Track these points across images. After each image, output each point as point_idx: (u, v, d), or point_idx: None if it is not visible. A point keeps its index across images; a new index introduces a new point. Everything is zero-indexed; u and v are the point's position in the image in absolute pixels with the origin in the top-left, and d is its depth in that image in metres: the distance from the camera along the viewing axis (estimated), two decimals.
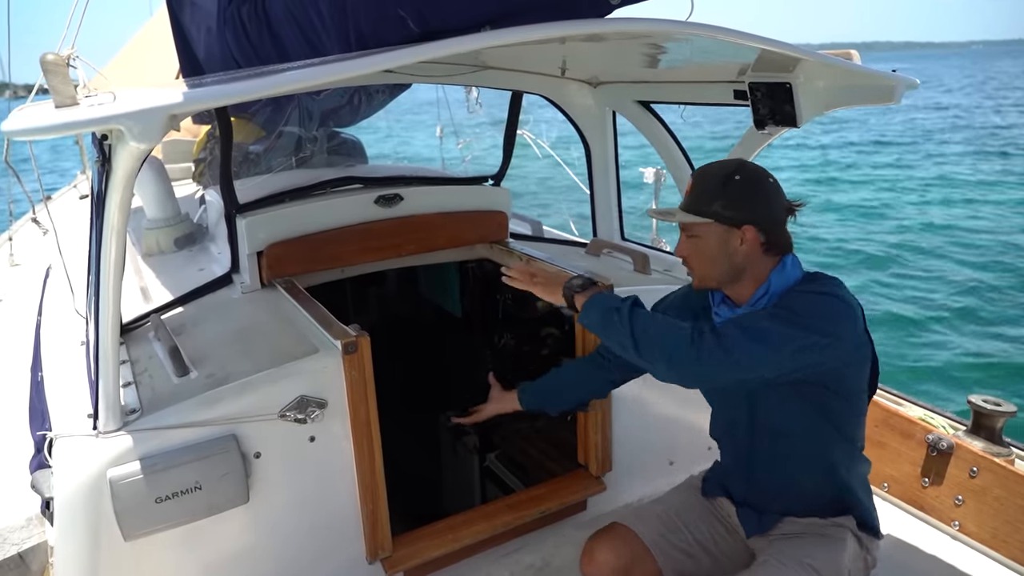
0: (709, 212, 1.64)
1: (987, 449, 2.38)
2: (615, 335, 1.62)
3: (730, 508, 1.92)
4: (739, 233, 1.64)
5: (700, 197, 1.66)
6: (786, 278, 1.67)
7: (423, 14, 1.51)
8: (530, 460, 3.09)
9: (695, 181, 1.70)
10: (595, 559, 1.83)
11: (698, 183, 1.69)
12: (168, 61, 3.87)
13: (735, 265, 1.67)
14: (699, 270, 1.71)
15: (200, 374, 1.88)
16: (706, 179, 1.69)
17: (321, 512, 1.96)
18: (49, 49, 1.39)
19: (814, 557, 1.67)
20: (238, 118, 3.86)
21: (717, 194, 1.64)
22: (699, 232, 1.67)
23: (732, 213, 1.63)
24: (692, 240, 1.69)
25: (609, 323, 1.63)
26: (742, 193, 1.64)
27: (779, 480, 1.79)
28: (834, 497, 1.77)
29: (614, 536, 1.86)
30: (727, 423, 1.90)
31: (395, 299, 3.75)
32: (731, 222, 1.64)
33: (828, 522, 1.77)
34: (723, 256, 1.66)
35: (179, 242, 3.15)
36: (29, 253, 4.77)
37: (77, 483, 1.62)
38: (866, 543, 1.79)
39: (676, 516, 1.91)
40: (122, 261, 1.50)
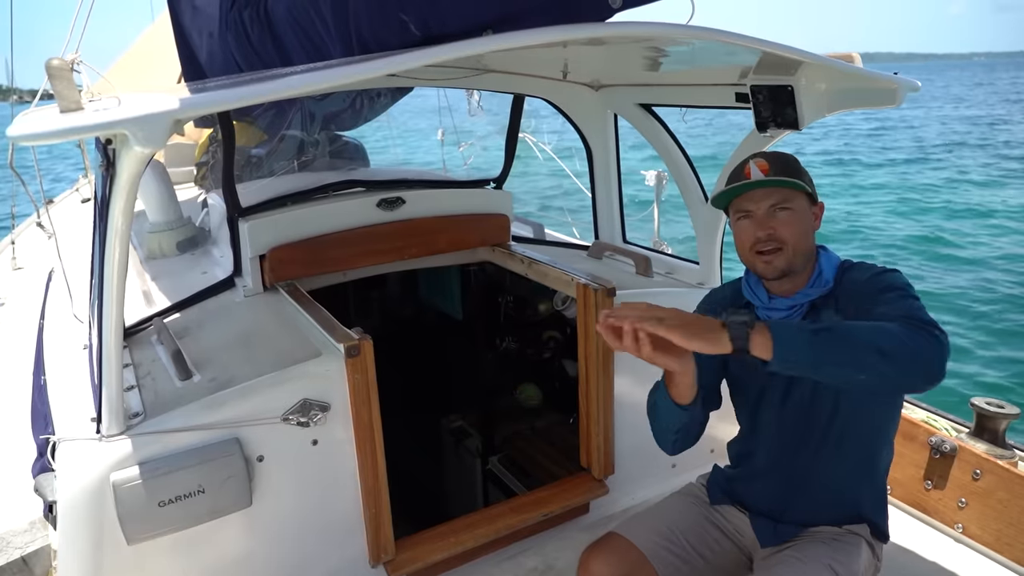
0: (803, 183, 1.62)
1: (990, 451, 2.38)
2: (846, 357, 1.29)
3: (738, 517, 1.87)
4: (814, 210, 1.67)
5: (789, 169, 1.63)
6: (832, 259, 1.68)
7: (425, 18, 1.51)
8: (532, 463, 3.09)
9: (771, 159, 1.64)
10: (590, 570, 1.79)
11: (776, 160, 1.65)
12: (170, 65, 3.88)
13: (812, 244, 1.67)
14: (795, 243, 1.61)
15: (203, 378, 1.89)
16: (783, 157, 1.67)
17: (324, 515, 1.96)
18: (53, 54, 1.39)
19: (835, 560, 1.64)
20: (240, 122, 3.87)
21: (800, 170, 1.65)
22: (794, 204, 1.62)
23: (812, 190, 1.65)
24: (784, 214, 1.61)
25: (828, 348, 1.29)
26: (809, 174, 1.67)
27: (823, 486, 1.73)
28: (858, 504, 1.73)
29: (609, 548, 1.81)
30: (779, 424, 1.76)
31: (397, 302, 3.75)
32: (812, 199, 1.66)
33: (843, 530, 1.73)
34: (810, 231, 1.66)
35: (181, 245, 3.16)
36: (32, 256, 4.78)
37: (80, 487, 1.62)
38: (877, 551, 1.77)
39: (673, 523, 1.86)
40: (125, 265, 1.50)
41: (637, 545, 1.79)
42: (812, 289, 1.66)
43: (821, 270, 1.66)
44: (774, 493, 1.79)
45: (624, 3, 1.47)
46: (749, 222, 1.64)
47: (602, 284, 2.30)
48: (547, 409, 3.39)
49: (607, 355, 2.34)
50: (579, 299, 2.35)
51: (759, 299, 1.73)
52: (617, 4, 1.46)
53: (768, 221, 1.62)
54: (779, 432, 1.77)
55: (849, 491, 1.73)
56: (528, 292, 3.11)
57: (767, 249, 1.62)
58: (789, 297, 1.68)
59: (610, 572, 1.77)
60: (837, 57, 1.98)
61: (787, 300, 1.69)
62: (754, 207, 1.62)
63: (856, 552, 1.70)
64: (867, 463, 1.72)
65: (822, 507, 1.74)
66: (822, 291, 1.65)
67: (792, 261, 1.62)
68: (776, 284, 1.69)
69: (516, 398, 3.43)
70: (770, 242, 1.61)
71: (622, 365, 2.39)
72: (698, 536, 1.85)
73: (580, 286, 2.34)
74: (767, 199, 1.61)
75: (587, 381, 2.40)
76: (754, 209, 1.62)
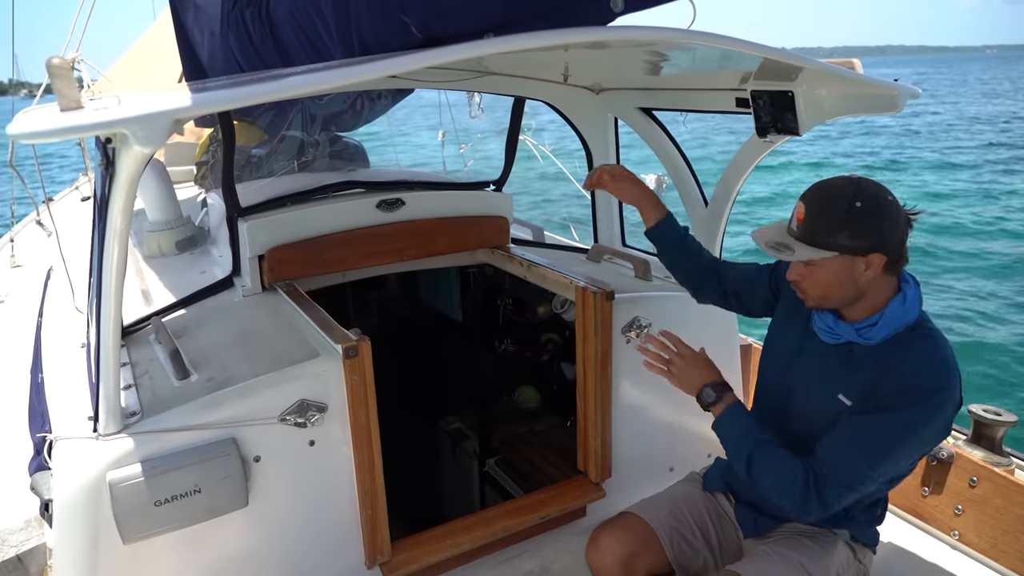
0: (834, 244, 1.52)
1: (987, 459, 2.38)
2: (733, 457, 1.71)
3: (728, 505, 1.95)
4: (864, 261, 1.54)
5: (821, 227, 1.54)
6: (905, 315, 1.59)
7: (426, 20, 1.51)
8: (530, 466, 3.08)
9: (810, 208, 1.56)
10: (600, 546, 1.85)
11: (814, 210, 1.55)
12: (171, 64, 3.88)
13: (858, 290, 1.58)
14: (815, 297, 1.63)
15: (200, 377, 1.88)
16: (825, 206, 1.54)
17: (320, 516, 1.96)
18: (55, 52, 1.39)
19: (806, 557, 1.71)
20: (241, 121, 3.87)
21: (841, 223, 1.51)
22: (821, 264, 1.56)
23: (859, 243, 1.52)
24: (811, 268, 1.58)
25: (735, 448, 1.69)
26: (867, 220, 1.51)
27: None
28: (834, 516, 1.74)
29: (621, 525, 1.89)
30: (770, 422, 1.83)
31: (396, 303, 3.75)
32: (858, 252, 1.53)
33: (822, 530, 1.79)
34: (848, 284, 1.57)
35: (180, 245, 3.15)
36: (31, 254, 4.77)
37: (76, 485, 1.61)
38: (860, 554, 1.81)
39: (681, 506, 1.94)
40: (124, 264, 1.50)
41: (649, 523, 1.84)
42: (854, 332, 1.62)
43: (878, 321, 1.58)
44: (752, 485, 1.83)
45: (626, 7, 1.47)
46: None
47: (601, 287, 2.30)
48: (545, 412, 3.39)
49: (605, 359, 2.34)
50: (578, 302, 2.35)
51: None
52: (619, 8, 1.47)
53: (798, 269, 1.63)
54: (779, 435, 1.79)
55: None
56: (527, 294, 3.11)
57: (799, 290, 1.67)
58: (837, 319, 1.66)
59: (620, 548, 1.82)
60: (838, 63, 1.98)
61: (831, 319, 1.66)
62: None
63: (831, 553, 1.74)
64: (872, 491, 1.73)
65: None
66: (862, 342, 1.61)
67: (823, 304, 1.64)
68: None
69: (514, 400, 3.43)
70: (797, 287, 1.66)
71: (620, 369, 2.40)
72: (700, 520, 1.93)
73: (579, 289, 2.34)
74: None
75: (585, 384, 2.40)
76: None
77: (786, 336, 1.83)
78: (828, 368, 1.68)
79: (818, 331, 1.70)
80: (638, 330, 2.39)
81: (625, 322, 2.38)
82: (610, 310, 2.30)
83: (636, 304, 2.43)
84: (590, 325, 2.31)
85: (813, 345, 1.73)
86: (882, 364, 1.58)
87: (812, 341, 1.73)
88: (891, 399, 1.52)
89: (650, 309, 2.44)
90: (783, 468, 1.60)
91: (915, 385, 1.51)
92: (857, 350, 1.63)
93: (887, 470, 1.57)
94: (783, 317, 1.88)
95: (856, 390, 1.60)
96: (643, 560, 1.82)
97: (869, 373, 1.59)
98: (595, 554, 1.85)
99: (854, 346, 1.64)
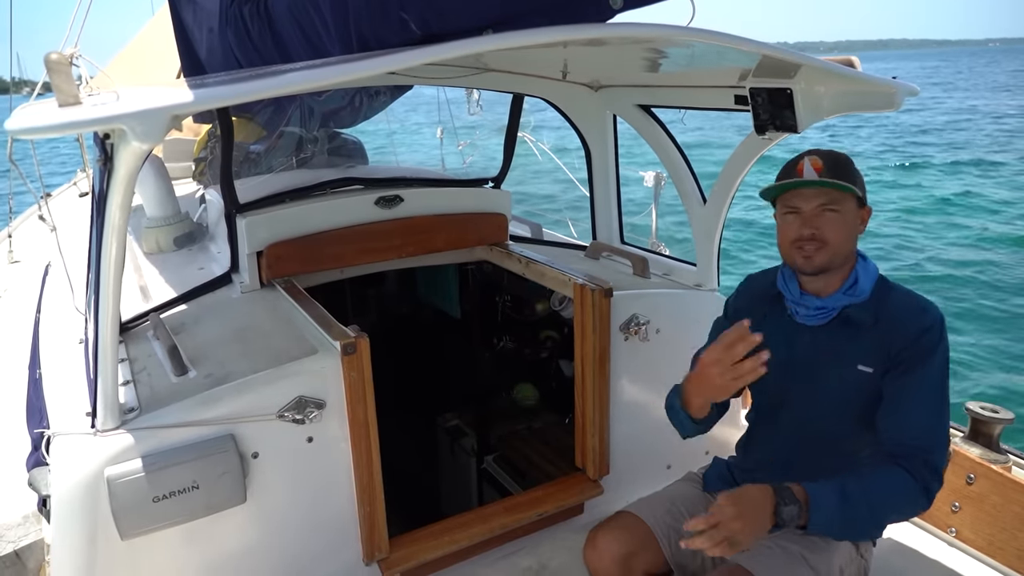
0: (856, 186, 1.66)
1: (984, 456, 2.38)
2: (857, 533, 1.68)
3: None
4: (862, 213, 1.70)
5: (843, 172, 1.65)
6: (870, 271, 1.72)
7: (425, 17, 1.51)
8: (528, 462, 3.09)
9: (826, 158, 1.67)
10: (597, 546, 1.85)
11: (830, 160, 1.67)
12: (170, 60, 3.87)
13: (854, 245, 1.71)
14: (836, 244, 1.66)
15: (199, 373, 1.88)
16: (838, 158, 1.69)
17: (318, 513, 1.96)
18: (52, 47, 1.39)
19: (808, 550, 1.70)
20: (239, 117, 3.87)
21: (854, 173, 1.68)
22: (842, 207, 1.65)
23: (863, 193, 1.69)
24: (831, 215, 1.65)
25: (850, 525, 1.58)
26: (861, 176, 1.71)
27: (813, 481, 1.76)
28: None
29: (618, 524, 1.88)
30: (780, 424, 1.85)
31: (394, 300, 3.75)
32: (863, 202, 1.69)
33: None
34: (854, 233, 1.69)
35: (179, 241, 3.15)
36: (28, 250, 4.77)
37: (74, 481, 1.62)
38: (862, 548, 1.81)
39: (679, 505, 1.94)
40: (122, 260, 1.50)
41: (647, 522, 1.85)
42: (844, 296, 1.70)
43: (857, 278, 1.70)
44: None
45: (625, 4, 1.47)
46: (796, 218, 1.69)
47: (599, 284, 2.30)
48: (543, 409, 3.39)
49: (603, 356, 2.35)
50: (576, 299, 2.36)
51: (791, 293, 1.79)
52: (618, 5, 1.46)
53: (815, 220, 1.67)
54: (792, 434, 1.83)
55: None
56: (525, 292, 3.12)
57: (809, 245, 1.67)
58: (820, 298, 1.73)
59: (617, 547, 1.82)
60: (837, 61, 1.98)
61: (817, 300, 1.73)
62: (803, 204, 1.67)
63: (833, 546, 1.74)
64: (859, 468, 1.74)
65: None
66: (855, 300, 1.70)
67: (832, 260, 1.68)
68: (809, 281, 1.73)
69: (512, 397, 3.44)
70: (813, 241, 1.67)
71: (618, 366, 2.40)
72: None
73: (577, 286, 2.34)
74: (817, 198, 1.66)
75: (583, 381, 2.40)
76: (803, 206, 1.67)
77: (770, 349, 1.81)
78: (833, 347, 1.72)
79: (804, 319, 1.75)
80: (636, 328, 2.39)
81: (623, 319, 2.38)
82: (608, 307, 2.30)
83: (634, 301, 2.43)
84: (588, 322, 2.31)
85: (803, 338, 1.76)
86: (881, 323, 1.66)
87: (799, 335, 1.77)
88: (912, 352, 1.61)
89: (648, 306, 2.45)
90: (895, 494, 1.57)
91: (920, 330, 1.62)
92: (852, 316, 1.70)
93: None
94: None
95: (870, 355, 1.66)
96: (641, 560, 1.82)
97: (872, 333, 1.66)
98: (592, 554, 1.85)
99: (848, 313, 1.70)
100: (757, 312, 1.81)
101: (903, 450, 1.59)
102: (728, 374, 1.56)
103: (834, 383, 1.72)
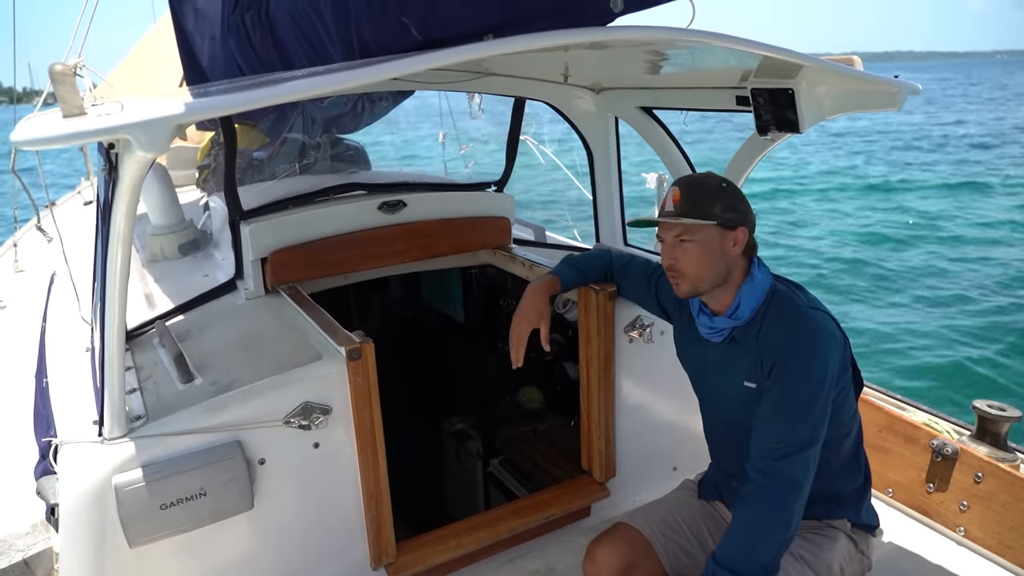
0: (711, 215, 1.69)
1: (992, 454, 2.37)
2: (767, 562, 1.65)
3: (727, 512, 1.95)
4: (733, 235, 1.72)
5: (697, 202, 1.71)
6: (756, 290, 1.75)
7: (426, 22, 1.52)
8: (534, 466, 3.09)
9: (685, 189, 1.74)
10: (596, 559, 1.85)
11: (691, 190, 1.74)
12: (172, 68, 3.88)
13: (727, 267, 1.74)
14: (694, 275, 1.73)
15: (205, 380, 1.89)
16: (700, 186, 1.76)
17: (325, 518, 1.97)
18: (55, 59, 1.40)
19: (807, 551, 1.74)
20: (242, 125, 3.87)
21: (714, 197, 1.71)
22: (697, 236, 1.71)
23: (730, 215, 1.71)
24: (687, 245, 1.72)
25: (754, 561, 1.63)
26: (735, 198, 1.74)
27: None
28: (824, 503, 1.81)
29: (616, 536, 1.88)
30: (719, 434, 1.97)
31: (398, 305, 3.75)
32: (729, 224, 1.71)
33: (822, 523, 1.82)
34: (719, 258, 1.72)
35: (183, 248, 3.16)
36: (34, 259, 4.79)
37: (82, 489, 1.62)
38: (861, 545, 1.82)
39: (677, 515, 1.95)
40: (127, 268, 1.51)
41: (644, 534, 1.85)
42: (729, 320, 1.77)
43: (739, 303, 1.75)
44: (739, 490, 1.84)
45: (625, 7, 1.47)
46: (663, 248, 1.78)
47: (603, 287, 2.30)
48: (548, 412, 3.39)
49: (608, 358, 2.35)
50: (580, 302, 2.36)
51: (693, 309, 1.87)
52: (618, 8, 1.47)
53: (673, 251, 1.75)
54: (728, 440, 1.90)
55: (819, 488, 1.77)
56: None
57: (671, 274, 1.78)
58: (713, 317, 1.81)
59: (616, 560, 1.81)
60: (838, 60, 1.98)
61: (708, 320, 1.82)
62: (665, 235, 1.77)
63: (831, 544, 1.78)
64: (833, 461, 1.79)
65: None
66: (737, 323, 1.76)
67: (695, 286, 1.75)
68: (707, 298, 1.80)
69: (517, 401, 3.43)
70: (673, 271, 1.75)
71: (623, 368, 2.40)
72: (696, 528, 1.94)
73: (581, 289, 2.34)
74: (673, 229, 1.74)
75: (588, 384, 2.40)
76: (665, 237, 1.77)
77: (690, 354, 1.97)
78: (727, 363, 1.82)
79: (705, 335, 1.84)
80: (640, 329, 2.39)
81: (628, 321, 2.38)
82: (613, 310, 2.30)
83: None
84: (593, 325, 2.31)
85: (710, 351, 1.87)
86: (760, 340, 1.73)
87: (708, 348, 1.86)
88: (779, 366, 1.66)
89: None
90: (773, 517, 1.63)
91: (788, 346, 1.66)
92: (738, 336, 1.77)
93: (820, 424, 1.65)
94: (681, 339, 2.02)
95: (753, 372, 1.73)
96: (640, 571, 1.82)
97: (753, 352, 1.74)
98: (592, 568, 1.85)
99: (735, 333, 1.78)
100: (680, 315, 1.97)
101: (757, 465, 1.66)
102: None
103: (732, 397, 1.81)
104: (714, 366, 1.86)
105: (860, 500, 1.87)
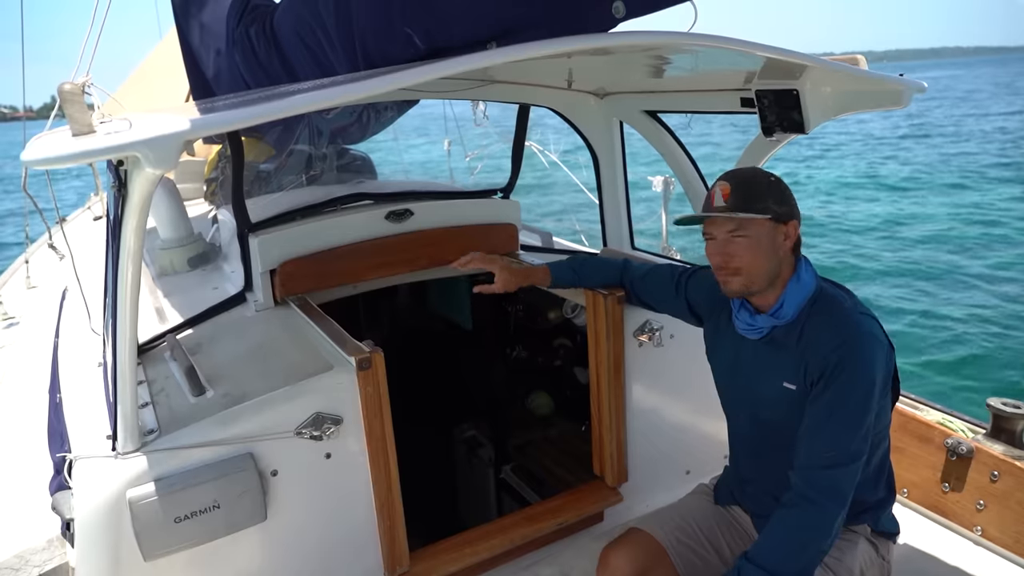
0: (765, 208, 1.65)
1: (1007, 452, 2.35)
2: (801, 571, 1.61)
3: (744, 517, 1.94)
4: (785, 229, 1.68)
5: (750, 196, 1.66)
6: (801, 290, 1.70)
7: (429, 32, 1.53)
8: (545, 471, 3.08)
9: (735, 183, 1.69)
10: (609, 564, 1.84)
11: (741, 184, 1.68)
12: (178, 82, 3.92)
13: (778, 263, 1.69)
14: (750, 269, 1.68)
15: (216, 393, 1.90)
16: (750, 180, 1.70)
17: (338, 528, 1.97)
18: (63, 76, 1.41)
19: (830, 556, 1.70)
20: (249, 137, 3.90)
21: (766, 190, 1.68)
22: (751, 232, 1.66)
23: (782, 209, 1.67)
24: (740, 240, 1.67)
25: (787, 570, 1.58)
26: (784, 191, 1.70)
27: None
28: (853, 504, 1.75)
29: (629, 542, 1.87)
30: (744, 434, 1.92)
31: (407, 313, 3.76)
32: (781, 218, 1.67)
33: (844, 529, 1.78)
34: (773, 253, 1.68)
35: (192, 262, 3.17)
36: (45, 275, 4.82)
37: (97, 504, 1.63)
38: (882, 549, 1.80)
39: (691, 520, 1.93)
40: (138, 283, 1.51)
41: (657, 539, 1.84)
42: (771, 318, 1.73)
43: (783, 302, 1.71)
44: (766, 498, 1.84)
45: (627, 12, 1.48)
46: (711, 245, 1.73)
47: (612, 291, 2.30)
48: (559, 417, 3.38)
49: (618, 362, 2.34)
50: (589, 306, 2.35)
51: (733, 304, 1.83)
52: (620, 14, 1.47)
53: (726, 247, 1.69)
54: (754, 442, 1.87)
55: None
56: (538, 300, 3.11)
57: (723, 272, 1.71)
58: (753, 315, 1.76)
59: (630, 566, 1.81)
60: (842, 60, 1.98)
61: (748, 317, 1.77)
62: (715, 231, 1.71)
63: (852, 549, 1.75)
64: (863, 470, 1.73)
65: None
66: (778, 323, 1.72)
67: (749, 284, 1.70)
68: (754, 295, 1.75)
69: (527, 407, 3.43)
70: (725, 269, 1.70)
71: (633, 372, 2.39)
72: (714, 532, 1.93)
73: (590, 293, 2.34)
74: (725, 225, 1.69)
75: (598, 388, 2.39)
76: (715, 233, 1.71)
77: (722, 352, 1.92)
78: (765, 362, 1.77)
79: (743, 332, 1.80)
80: (650, 333, 2.39)
81: (637, 325, 2.37)
82: (621, 314, 2.30)
83: None
84: (602, 329, 2.30)
85: (746, 348, 1.82)
86: (803, 342, 1.68)
87: (743, 345, 1.82)
88: (830, 372, 1.61)
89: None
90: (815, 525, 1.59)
91: (839, 351, 1.60)
92: (778, 335, 1.73)
93: (868, 435, 1.62)
94: (712, 336, 1.98)
95: (792, 372, 1.69)
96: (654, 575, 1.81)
97: (794, 352, 1.69)
98: (605, 573, 1.84)
99: (775, 332, 1.74)
100: (715, 313, 1.93)
101: (803, 473, 1.62)
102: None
103: (767, 397, 1.77)
104: (747, 365, 1.82)
105: (883, 507, 1.84)
